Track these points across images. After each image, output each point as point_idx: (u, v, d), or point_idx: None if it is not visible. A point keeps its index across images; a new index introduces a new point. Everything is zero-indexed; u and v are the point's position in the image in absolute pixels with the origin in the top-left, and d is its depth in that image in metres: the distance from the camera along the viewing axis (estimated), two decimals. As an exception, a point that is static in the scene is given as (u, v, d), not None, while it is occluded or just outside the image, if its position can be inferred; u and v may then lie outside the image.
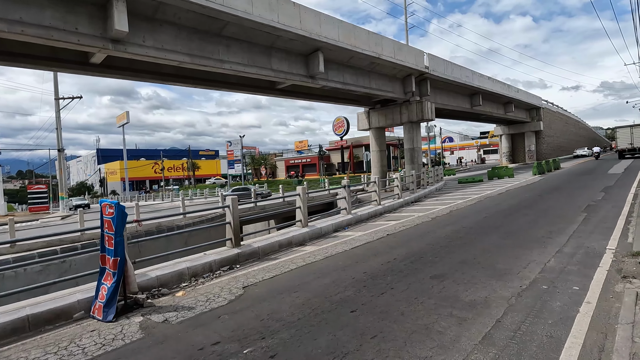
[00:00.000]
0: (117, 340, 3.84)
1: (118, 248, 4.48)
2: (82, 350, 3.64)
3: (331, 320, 3.92)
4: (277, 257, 7.03)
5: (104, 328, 4.16)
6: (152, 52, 11.40)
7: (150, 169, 76.43)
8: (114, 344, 3.76)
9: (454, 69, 25.39)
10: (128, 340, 3.83)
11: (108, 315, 4.33)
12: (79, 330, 4.16)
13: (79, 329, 4.20)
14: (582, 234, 6.82)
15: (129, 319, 4.39)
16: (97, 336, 3.95)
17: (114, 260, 4.48)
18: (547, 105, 50.31)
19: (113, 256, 4.48)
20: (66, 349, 3.68)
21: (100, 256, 4.64)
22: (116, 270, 4.46)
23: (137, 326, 4.16)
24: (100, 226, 4.63)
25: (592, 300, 3.86)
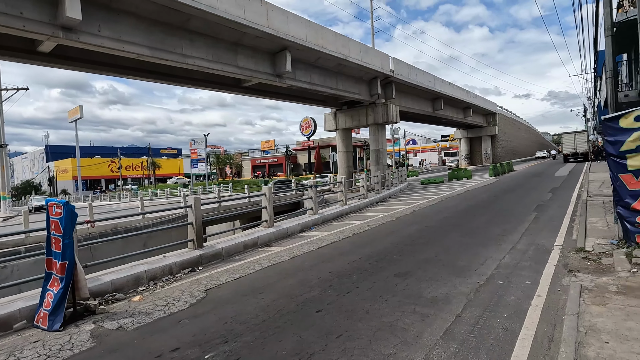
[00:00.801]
0: (64, 350, 3.54)
1: (67, 251, 4.14)
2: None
3: (297, 321, 3.87)
4: (242, 258, 6.87)
5: (50, 338, 3.83)
6: (109, 43, 10.74)
7: (107, 168, 72.14)
8: (60, 354, 3.47)
9: (417, 73, 26.25)
10: (77, 350, 3.55)
11: (54, 324, 4.00)
12: (19, 341, 3.80)
13: (19, 340, 3.83)
14: (533, 232, 7.27)
15: (78, 327, 4.08)
16: (42, 347, 3.63)
17: (62, 264, 4.13)
18: (502, 111, 53.48)
19: (61, 260, 4.13)
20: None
21: (46, 260, 4.27)
22: (64, 275, 4.12)
23: (88, 335, 3.87)
24: (46, 227, 4.26)
25: (542, 293, 4.10)
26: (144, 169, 70.35)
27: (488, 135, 49.80)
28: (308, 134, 55.12)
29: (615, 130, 5.37)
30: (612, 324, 3.16)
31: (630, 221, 5.30)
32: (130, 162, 75.11)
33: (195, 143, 61.72)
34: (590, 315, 3.37)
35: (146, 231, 7.41)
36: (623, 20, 9.26)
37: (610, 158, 5.48)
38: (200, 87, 17.49)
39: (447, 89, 31.89)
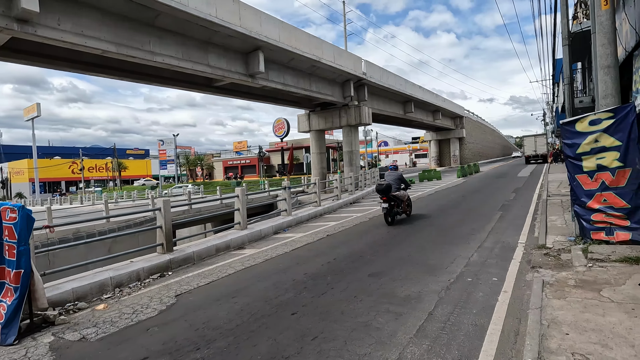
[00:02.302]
0: (19, 365, 3.30)
1: (22, 258, 3.86)
2: (-28, 382, 3.06)
3: (271, 325, 3.82)
4: (214, 261, 6.70)
5: (3, 353, 3.55)
6: (70, 38, 10.18)
7: (67, 169, 68.17)
8: (15, 370, 3.23)
9: (389, 76, 26.80)
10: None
11: (8, 337, 3.71)
12: (-32, 358, 3.50)
13: (-32, 356, 3.53)
14: (498, 231, 7.60)
15: (35, 339, 3.81)
16: (-7, 363, 3.36)
17: (16, 272, 3.85)
18: (469, 114, 55.69)
19: (15, 268, 3.85)
20: (-51, 383, 3.07)
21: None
22: (19, 284, 3.84)
23: (46, 347, 3.62)
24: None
25: (508, 289, 4.29)
26: (109, 170, 67.16)
27: (456, 137, 51.68)
28: (281, 135, 54.65)
29: (572, 133, 5.71)
30: (571, 316, 3.35)
31: (586, 219, 5.65)
32: (94, 163, 71.41)
33: (164, 143, 59.71)
34: (552, 308, 3.55)
35: (111, 236, 7.03)
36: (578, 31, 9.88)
37: (568, 160, 5.82)
38: (170, 86, 16.95)
39: (418, 92, 32.78)
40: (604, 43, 5.69)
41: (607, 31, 5.67)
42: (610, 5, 5.69)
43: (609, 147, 5.34)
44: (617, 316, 3.27)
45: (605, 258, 4.90)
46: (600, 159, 5.43)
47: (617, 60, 5.79)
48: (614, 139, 5.29)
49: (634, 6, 6.10)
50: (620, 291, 3.83)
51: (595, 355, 2.68)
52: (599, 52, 5.74)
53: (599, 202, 5.47)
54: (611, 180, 5.35)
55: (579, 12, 13.02)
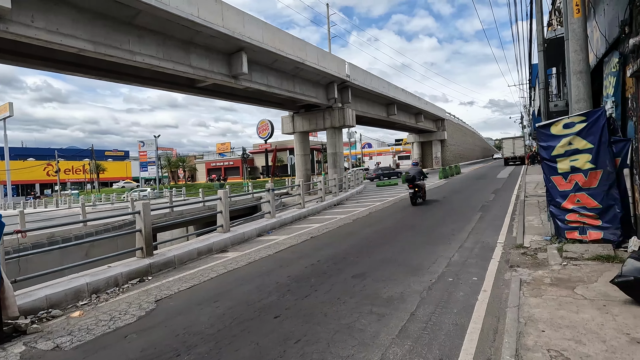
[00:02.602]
0: (-13, 378, 3.15)
1: (-9, 265, 3.69)
2: None
3: (254, 328, 3.78)
4: (196, 265, 6.58)
5: (-30, 365, 3.39)
6: (44, 35, 9.83)
7: (42, 171, 65.72)
8: (-17, 383, 3.08)
9: (372, 79, 27.06)
10: (4, 376, 3.17)
11: (-24, 348, 3.54)
12: None
13: None
14: (478, 231, 7.77)
15: (5, 350, 3.65)
16: (-41, 376, 3.20)
17: (-14, 280, 3.68)
18: (450, 117, 56.85)
19: (-16, 275, 3.68)
20: None
21: (-34, 276, 3.78)
22: (-12, 292, 3.67)
23: (17, 358, 3.48)
24: (-35, 239, 3.77)
25: (488, 288, 4.39)
26: (87, 172, 65.11)
27: (438, 139, 52.65)
28: (265, 136, 54.36)
29: (547, 136, 5.91)
30: (547, 313, 3.45)
31: (561, 219, 5.85)
32: (70, 165, 69.08)
33: (145, 145, 58.44)
34: (528, 306, 3.65)
35: (88, 240, 6.76)
36: (552, 38, 10.24)
37: (543, 162, 6.02)
38: (151, 86, 16.59)
39: (401, 95, 33.22)
40: (576, 49, 5.92)
41: (579, 38, 5.90)
42: (582, 13, 5.93)
43: (581, 149, 5.55)
44: (590, 313, 3.39)
45: (578, 256, 5.08)
46: (574, 161, 5.64)
47: (588, 66, 6.03)
48: (586, 142, 5.50)
49: (604, 15, 6.37)
50: (593, 288, 3.98)
51: (569, 351, 2.77)
52: (572, 58, 5.97)
53: (573, 203, 5.68)
54: (584, 181, 5.56)
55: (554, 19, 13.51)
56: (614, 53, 5.90)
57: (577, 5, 5.91)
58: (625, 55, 5.35)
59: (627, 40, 4.97)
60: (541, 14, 7.84)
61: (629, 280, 3.49)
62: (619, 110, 5.88)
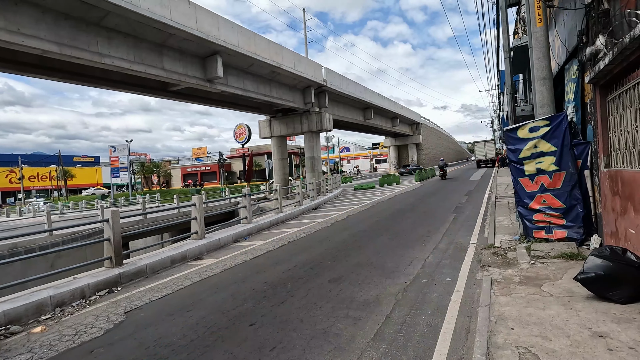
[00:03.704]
0: None
1: (-60, 281, 3.42)
2: None
3: (228, 337, 3.69)
4: (170, 274, 6.38)
5: None
6: (4, 36, 9.33)
7: (4, 178, 62.09)
8: None
9: (349, 84, 27.35)
10: (-47, 400, 2.94)
11: None
12: None
13: None
14: (452, 232, 7.96)
15: (-44, 372, 3.39)
16: None
17: None
18: (425, 121, 58.28)
19: None
20: None
21: None
22: (-63, 310, 3.40)
23: (-30, 380, 3.23)
24: None
25: (460, 288, 4.49)
26: (53, 179, 62.05)
27: (414, 143, 53.85)
28: (242, 141, 53.77)
29: (514, 139, 6.15)
30: (516, 311, 3.56)
31: (529, 219, 6.08)
32: (35, 172, 65.69)
33: (116, 150, 56.40)
34: (499, 305, 3.76)
35: (53, 250, 6.39)
36: (518, 45, 10.70)
37: (511, 164, 6.25)
38: (121, 90, 16.05)
39: (377, 99, 33.76)
40: (539, 57, 6.20)
41: (542, 46, 6.20)
42: (544, 23, 6.23)
43: (546, 152, 5.81)
44: (555, 309, 3.52)
45: (545, 255, 5.29)
46: (539, 163, 5.89)
47: (551, 72, 6.33)
48: (550, 145, 5.77)
49: (564, 24, 6.72)
50: (558, 285, 4.15)
51: (536, 347, 2.86)
52: (536, 65, 6.25)
53: (539, 203, 5.92)
54: (549, 182, 5.81)
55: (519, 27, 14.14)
56: (573, 61, 6.23)
57: (539, 15, 6.20)
58: (583, 63, 5.66)
59: (584, 48, 5.26)
60: (507, 23, 8.18)
61: (590, 277, 3.66)
62: (579, 115, 6.20)
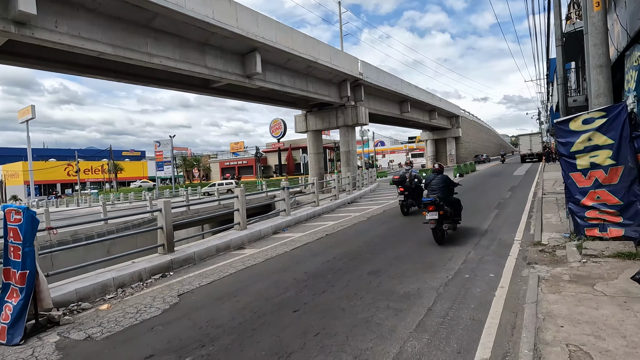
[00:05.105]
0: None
1: (27, 260, 3.91)
2: (-19, 381, 3.11)
3: (273, 322, 3.89)
4: (215, 261, 6.76)
5: (10, 353, 3.60)
6: (67, 40, 10.17)
7: (63, 171, 67.78)
8: (23, 369, 3.28)
9: (385, 76, 26.92)
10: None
11: (14, 337, 3.76)
12: (-25, 358, 3.55)
13: (-25, 356, 3.58)
14: (494, 228, 7.71)
15: (41, 339, 3.86)
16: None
17: (22, 273, 3.90)
18: (465, 114, 56.01)
19: (20, 269, 3.90)
20: (-42, 382, 3.12)
21: (4, 270, 4.00)
22: (24, 285, 3.89)
23: (53, 347, 3.68)
24: (3, 235, 3.99)
25: (505, 285, 4.39)
26: (105, 172, 66.82)
27: (452, 137, 51.95)
28: (278, 135, 54.74)
29: (566, 132, 5.83)
30: (566, 309, 3.45)
31: (580, 216, 5.77)
32: (89, 165, 71.04)
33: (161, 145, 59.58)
34: (547, 302, 3.65)
35: (110, 237, 7.09)
36: (571, 31, 10.03)
37: (562, 158, 5.95)
38: (167, 87, 16.95)
39: (414, 92, 32.95)
40: (596, 43, 5.81)
41: (599, 32, 5.80)
42: (602, 6, 5.82)
43: (601, 145, 5.46)
44: (610, 309, 3.37)
45: (598, 254, 5.02)
46: (594, 157, 5.55)
47: (609, 60, 5.91)
48: (607, 138, 5.41)
49: (625, 7, 6.24)
50: (613, 285, 3.94)
51: (588, 346, 2.78)
52: (592, 52, 5.87)
53: (593, 200, 5.60)
54: (604, 177, 5.47)
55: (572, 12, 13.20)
56: (635, 47, 5.78)
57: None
58: (647, 49, 5.24)
59: (649, 33, 4.88)
60: (559, 7, 7.70)
61: (650, 277, 3.45)
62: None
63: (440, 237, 6.57)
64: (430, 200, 6.48)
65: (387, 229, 8.68)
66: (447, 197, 6.88)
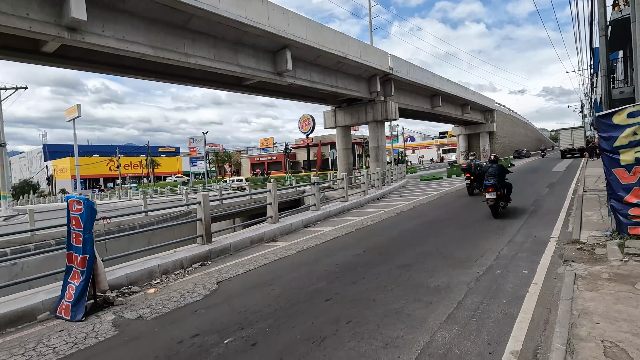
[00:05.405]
0: (89, 338, 3.76)
1: (87, 245, 4.35)
2: (53, 350, 3.54)
3: (307, 310, 4.09)
4: (249, 252, 7.08)
5: (74, 327, 4.04)
6: (113, 43, 10.88)
7: (105, 166, 72.10)
8: (86, 342, 3.68)
9: (416, 70, 26.42)
10: (102, 337, 3.76)
11: (77, 314, 4.21)
12: (45, 330, 4.01)
13: (45, 329, 4.05)
14: (530, 225, 7.51)
15: (99, 317, 4.29)
16: (67, 335, 3.84)
17: (83, 257, 4.34)
18: (500, 107, 53.75)
19: (81, 254, 4.34)
20: (34, 350, 3.56)
21: (67, 254, 4.47)
22: (85, 268, 4.33)
23: (110, 324, 4.08)
24: (67, 223, 4.46)
25: (539, 281, 4.34)
26: (143, 167, 70.34)
27: (486, 131, 50.06)
28: (307, 131, 55.23)
29: (608, 126, 5.59)
30: (603, 307, 3.39)
31: (623, 213, 5.53)
32: (129, 161, 75.07)
33: (194, 141, 61.76)
34: (583, 300, 3.60)
35: (153, 228, 7.77)
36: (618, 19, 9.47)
37: (604, 153, 5.71)
38: (201, 86, 17.63)
39: (446, 85, 32.09)
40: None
41: (647, 20, 5.49)
42: (651, -8, 5.50)
43: (648, 139, 5.20)
44: (651, 308, 3.28)
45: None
46: (639, 153, 5.30)
47: (658, 49, 5.60)
48: (654, 132, 5.15)
49: (678, -8, 5.84)
50: (657, 285, 3.81)
51: (625, 343, 2.75)
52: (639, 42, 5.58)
53: (637, 197, 5.35)
54: (650, 173, 5.21)
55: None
56: (689, 34, 5.43)
57: (645, -16, 5.49)
58: (701, 37, 4.92)
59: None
60: (604, -6, 7.30)
61: (697, 277, 3.32)
62: (694, 97, 5.42)
63: (496, 212, 8.48)
64: (491, 183, 8.37)
65: (417, 224, 8.67)
66: (502, 182, 8.65)
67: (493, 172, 8.63)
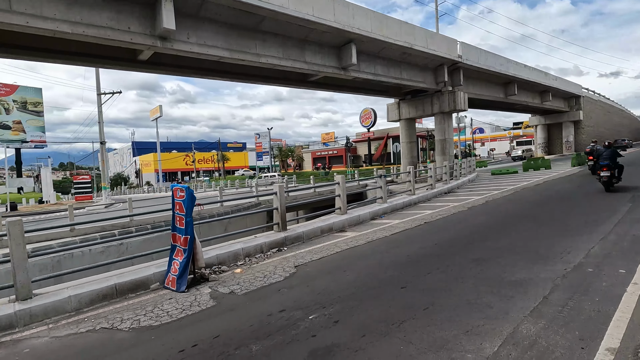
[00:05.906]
0: (194, 306, 4.37)
1: (188, 227, 5.02)
2: (167, 314, 4.19)
3: (382, 295, 4.27)
4: (321, 241, 7.45)
5: (179, 297, 4.72)
6: (196, 48, 12.02)
7: (182, 161, 79.36)
8: (192, 309, 4.29)
9: (487, 57, 24.72)
10: (203, 306, 4.36)
11: (181, 286, 4.90)
12: (158, 298, 4.75)
13: (158, 297, 4.79)
14: (626, 223, 6.76)
15: (199, 290, 4.94)
16: (176, 303, 4.51)
17: (185, 238, 5.02)
18: (588, 93, 47.76)
19: (184, 234, 5.03)
20: (152, 312, 4.26)
21: (172, 235, 5.21)
22: (187, 247, 5.01)
23: (208, 296, 4.69)
24: (171, 208, 5.18)
25: (639, 281, 3.98)
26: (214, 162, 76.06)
27: (570, 121, 44.88)
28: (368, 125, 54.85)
29: None
30: None
31: None
32: (202, 156, 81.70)
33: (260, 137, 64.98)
34: (696, 303, 3.26)
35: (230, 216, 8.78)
36: None
37: None
38: (270, 84, 18.56)
39: (522, 71, 29.49)
40: None
41: None
42: None
43: None
44: None
45: None
46: None
47: None
48: None
49: None
50: None
51: None
52: None
53: None
54: None
55: None
56: None
57: None
58: None
59: None
60: None
61: None
62: None
63: (608, 187, 10.50)
64: (605, 164, 10.46)
65: (491, 218, 8.30)
66: (615, 163, 10.54)
67: (607, 155, 10.57)
